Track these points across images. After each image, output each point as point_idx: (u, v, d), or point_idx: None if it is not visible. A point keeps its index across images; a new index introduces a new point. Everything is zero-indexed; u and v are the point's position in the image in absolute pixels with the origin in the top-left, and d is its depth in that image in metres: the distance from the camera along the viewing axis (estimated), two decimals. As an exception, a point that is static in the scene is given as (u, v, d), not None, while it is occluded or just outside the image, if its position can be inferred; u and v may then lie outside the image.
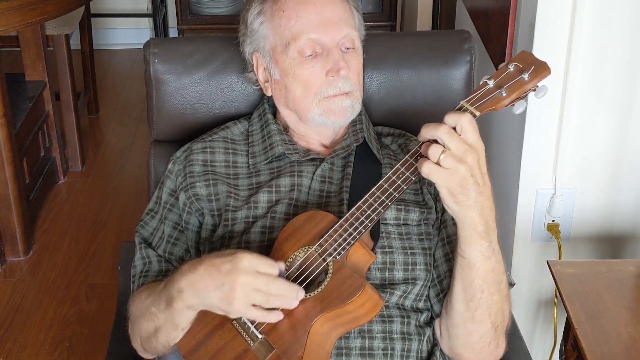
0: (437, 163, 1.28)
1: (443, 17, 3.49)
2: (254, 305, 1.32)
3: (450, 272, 1.49)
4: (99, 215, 3.31)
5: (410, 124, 1.75)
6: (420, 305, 1.52)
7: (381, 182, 1.38)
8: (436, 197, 1.56)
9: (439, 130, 1.28)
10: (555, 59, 1.89)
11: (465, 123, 1.28)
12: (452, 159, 1.28)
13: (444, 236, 1.54)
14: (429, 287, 1.53)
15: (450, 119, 1.28)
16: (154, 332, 1.43)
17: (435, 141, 1.30)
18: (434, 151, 1.28)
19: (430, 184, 1.53)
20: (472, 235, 1.36)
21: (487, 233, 1.36)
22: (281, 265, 1.35)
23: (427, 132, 1.29)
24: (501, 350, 1.50)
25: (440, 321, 1.52)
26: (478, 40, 2.33)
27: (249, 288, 1.30)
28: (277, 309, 1.34)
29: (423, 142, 1.32)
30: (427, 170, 1.29)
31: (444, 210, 1.54)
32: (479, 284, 1.40)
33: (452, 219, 1.45)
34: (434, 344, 1.54)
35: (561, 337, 1.91)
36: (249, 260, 1.30)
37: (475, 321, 1.43)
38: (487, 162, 1.34)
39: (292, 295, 1.33)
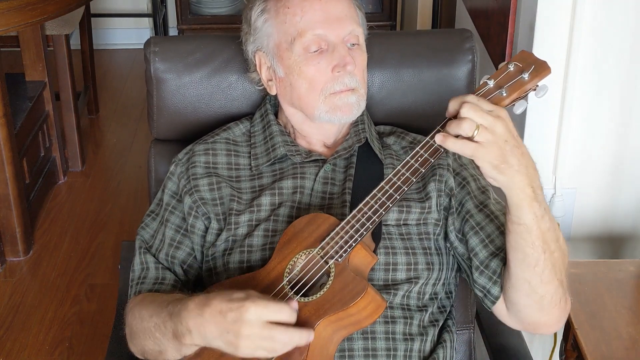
0: (471, 138, 1.26)
1: (443, 17, 3.49)
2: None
3: (492, 255, 1.47)
4: (99, 215, 3.30)
5: (411, 123, 1.75)
6: (425, 301, 1.52)
7: (382, 184, 1.38)
8: (451, 195, 1.55)
9: (465, 106, 1.26)
10: (555, 59, 1.89)
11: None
12: (486, 131, 1.25)
13: (473, 224, 1.51)
14: (476, 276, 1.49)
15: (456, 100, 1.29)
16: (158, 353, 1.44)
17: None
18: (467, 126, 1.25)
19: (447, 185, 1.53)
20: (524, 200, 1.32)
21: (536, 193, 1.32)
22: (294, 305, 1.32)
23: (453, 104, 1.28)
24: (569, 304, 1.47)
25: (504, 300, 1.48)
26: (478, 40, 2.33)
27: (254, 339, 1.28)
28: None
29: (431, 135, 1.32)
30: (471, 150, 1.26)
31: (462, 202, 1.53)
32: (540, 246, 1.36)
33: (477, 205, 1.45)
34: (438, 343, 1.53)
35: (561, 337, 1.91)
36: (255, 312, 1.28)
37: (544, 283, 1.39)
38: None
39: (302, 342, 1.31)
